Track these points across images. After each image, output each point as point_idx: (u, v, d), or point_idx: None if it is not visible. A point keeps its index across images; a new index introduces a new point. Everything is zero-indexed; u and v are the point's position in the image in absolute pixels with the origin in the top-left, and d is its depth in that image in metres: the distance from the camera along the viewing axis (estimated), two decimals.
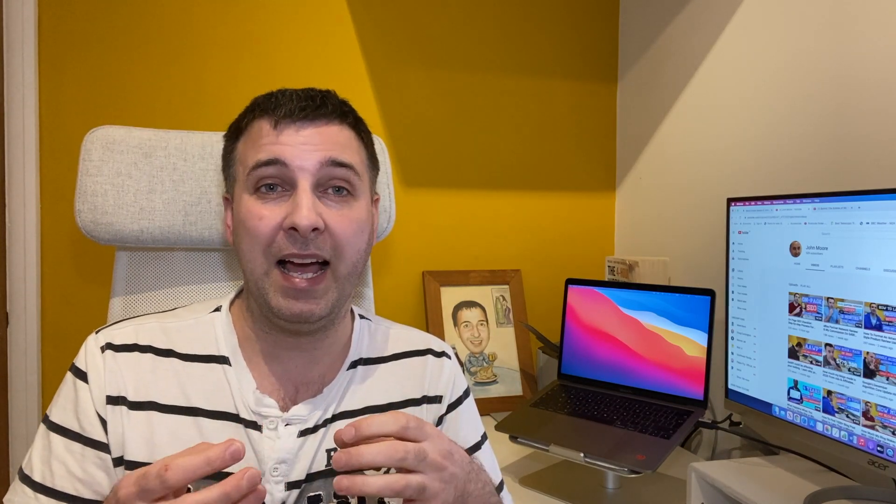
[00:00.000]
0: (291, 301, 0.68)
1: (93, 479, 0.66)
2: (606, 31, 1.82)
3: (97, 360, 0.70)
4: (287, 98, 0.70)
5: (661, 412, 1.17)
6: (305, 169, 0.68)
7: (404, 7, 1.65)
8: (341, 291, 0.71)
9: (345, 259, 0.70)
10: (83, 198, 0.89)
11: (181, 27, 1.49)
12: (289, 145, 0.68)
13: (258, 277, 0.69)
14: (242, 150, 0.72)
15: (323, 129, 0.70)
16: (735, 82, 1.38)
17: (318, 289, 0.68)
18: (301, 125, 0.69)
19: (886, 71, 1.05)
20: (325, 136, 0.70)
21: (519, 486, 1.17)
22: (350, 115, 0.74)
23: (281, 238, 0.67)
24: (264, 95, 0.73)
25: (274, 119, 0.70)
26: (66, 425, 0.68)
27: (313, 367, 0.76)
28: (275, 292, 0.68)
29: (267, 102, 0.71)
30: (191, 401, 0.70)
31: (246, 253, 0.69)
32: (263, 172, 0.68)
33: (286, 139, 0.69)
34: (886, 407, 0.87)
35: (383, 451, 0.56)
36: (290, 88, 0.73)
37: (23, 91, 1.38)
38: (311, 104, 0.70)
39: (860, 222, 0.91)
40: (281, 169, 0.68)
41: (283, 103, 0.70)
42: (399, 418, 0.59)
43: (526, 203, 1.77)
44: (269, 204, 0.68)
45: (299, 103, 0.70)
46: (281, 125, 0.69)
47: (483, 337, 1.67)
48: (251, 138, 0.71)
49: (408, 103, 1.66)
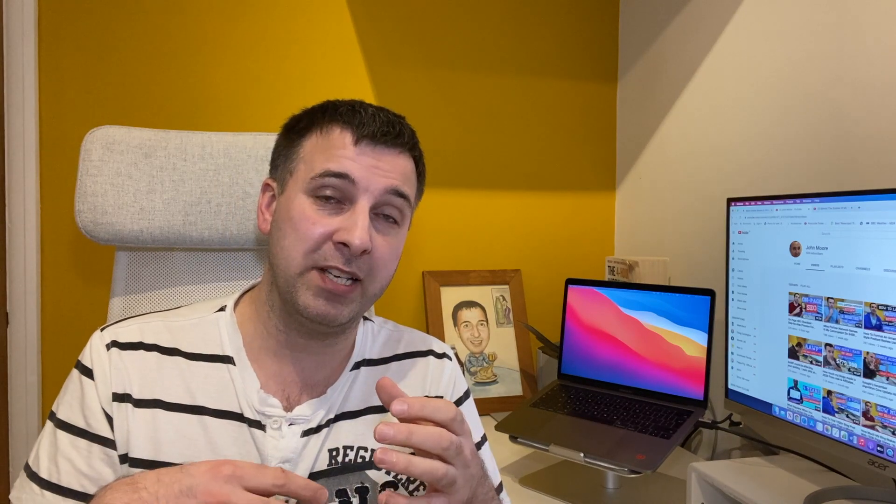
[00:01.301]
0: (321, 301, 0.68)
1: (99, 476, 0.67)
2: (606, 31, 1.82)
3: (103, 358, 0.70)
4: (370, 117, 0.72)
5: (661, 412, 1.17)
6: (370, 191, 0.69)
7: (404, 7, 1.65)
8: (363, 306, 0.73)
9: (376, 281, 0.72)
10: (83, 198, 0.89)
11: (181, 27, 1.49)
12: (363, 165, 0.70)
13: (291, 276, 0.69)
14: (311, 150, 0.72)
15: (396, 158, 0.72)
16: (735, 82, 1.38)
17: (349, 297, 0.70)
18: (381, 150, 0.71)
19: (886, 71, 1.05)
20: (395, 165, 0.72)
21: (519, 486, 1.17)
22: (417, 148, 0.76)
23: (328, 248, 0.68)
24: (346, 104, 0.74)
25: (356, 135, 0.71)
26: (73, 422, 0.68)
27: (319, 369, 0.77)
28: (306, 291, 0.69)
29: (350, 114, 0.72)
30: (196, 399, 0.71)
31: (286, 249, 0.70)
32: (330, 182, 0.69)
33: (363, 159, 0.70)
34: (886, 407, 0.87)
35: (433, 436, 0.57)
36: (369, 104, 0.74)
37: (23, 91, 1.38)
38: (392, 131, 0.72)
39: (860, 222, 0.91)
40: (347, 184, 0.69)
41: (367, 122, 0.71)
42: (451, 407, 0.59)
43: (526, 203, 1.77)
44: (325, 212, 0.69)
45: (382, 127, 0.71)
46: (361, 143, 0.70)
47: (483, 337, 1.67)
48: (325, 143, 0.72)
49: (408, 103, 1.66)
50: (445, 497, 0.58)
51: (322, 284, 0.68)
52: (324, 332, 0.73)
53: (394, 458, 0.54)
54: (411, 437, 0.56)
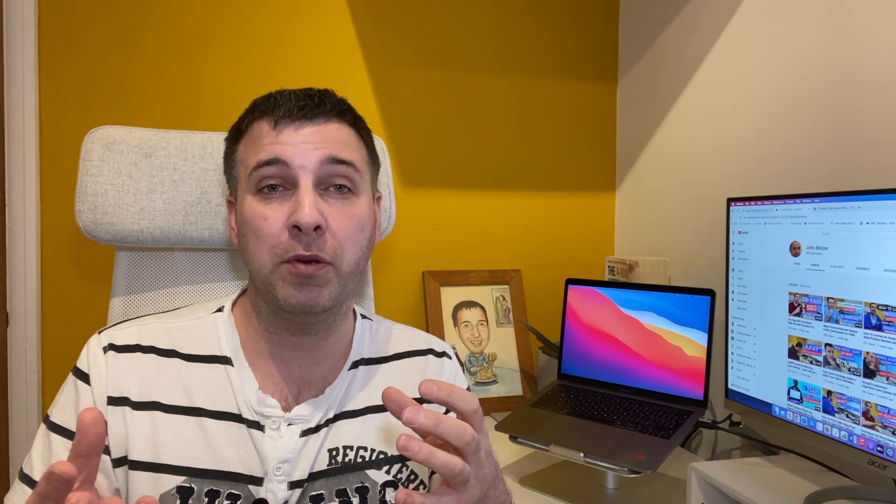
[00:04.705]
0: (297, 289, 0.67)
1: None
2: (606, 31, 1.82)
3: (99, 361, 0.70)
4: (285, 98, 0.71)
5: (661, 412, 1.17)
6: (306, 167, 0.68)
7: (404, 7, 1.65)
8: (343, 286, 0.71)
9: (345, 257, 0.70)
10: (83, 198, 0.89)
11: (181, 27, 1.49)
12: (289, 144, 0.68)
13: (266, 275, 0.69)
14: (243, 151, 0.73)
15: (322, 127, 0.71)
16: (735, 82, 1.38)
17: (320, 276, 0.68)
18: (300, 124, 0.70)
19: (886, 71, 1.05)
20: (325, 135, 0.70)
21: (519, 486, 1.17)
22: (349, 112, 0.74)
23: (285, 238, 0.67)
24: (263, 97, 0.73)
25: (273, 119, 0.70)
26: (66, 426, 0.68)
27: (315, 367, 0.76)
28: (282, 284, 0.68)
29: (266, 103, 0.72)
30: (194, 401, 0.70)
31: (252, 253, 0.69)
32: (265, 172, 0.68)
33: (286, 138, 0.69)
34: (886, 407, 0.87)
35: (458, 428, 0.55)
36: (288, 89, 0.73)
37: (23, 91, 1.38)
38: (310, 103, 0.70)
39: (860, 222, 0.91)
40: (282, 168, 0.68)
41: (282, 103, 0.70)
42: (475, 399, 0.58)
43: (526, 203, 1.77)
44: (273, 204, 0.68)
45: (297, 103, 0.70)
46: (280, 125, 0.69)
47: (483, 337, 1.67)
48: (251, 139, 0.72)
49: (408, 103, 1.66)
50: (456, 495, 0.57)
51: (292, 270, 0.67)
52: (312, 324, 0.73)
53: (416, 447, 0.53)
54: (438, 426, 0.54)
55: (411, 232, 1.68)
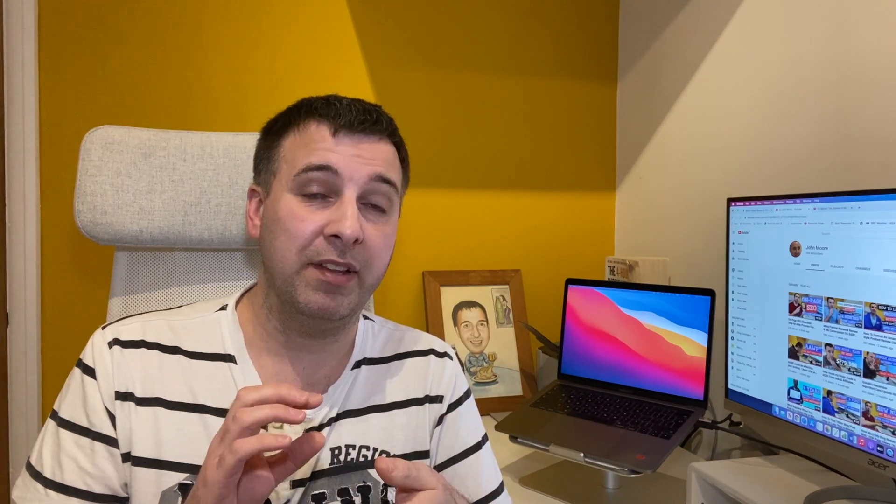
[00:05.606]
0: (321, 295, 0.68)
1: (103, 474, 0.67)
2: (606, 31, 1.82)
3: (105, 356, 0.70)
4: (345, 107, 0.71)
5: (661, 412, 1.17)
6: (354, 180, 0.69)
7: (404, 7, 1.65)
8: (361, 298, 0.73)
9: (372, 271, 0.72)
10: (83, 198, 0.89)
11: (181, 27, 1.49)
12: (344, 155, 0.69)
13: (289, 275, 0.69)
14: (291, 148, 0.72)
15: (376, 144, 0.72)
16: (735, 82, 1.38)
17: (347, 287, 0.70)
18: (360, 138, 0.71)
19: (886, 71, 1.05)
20: (377, 152, 0.72)
21: (519, 486, 1.17)
22: (396, 134, 0.76)
23: (320, 243, 0.68)
24: (320, 99, 0.74)
25: (333, 126, 0.71)
26: (76, 420, 0.68)
27: (319, 368, 0.76)
28: (305, 287, 0.68)
29: (325, 108, 0.72)
30: (197, 398, 0.71)
31: (279, 250, 0.69)
32: (313, 176, 0.69)
33: (343, 149, 0.70)
34: (886, 407, 0.87)
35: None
36: (343, 97, 0.74)
37: (23, 91, 1.38)
38: (369, 118, 0.72)
39: (860, 222, 0.91)
40: (331, 176, 0.69)
41: (343, 112, 0.71)
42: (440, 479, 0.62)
43: (526, 203, 1.77)
44: (312, 208, 0.69)
45: (358, 116, 0.71)
46: (340, 134, 0.70)
47: (483, 337, 1.67)
48: (303, 139, 0.72)
49: (407, 103, 1.66)
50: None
51: (321, 277, 0.68)
52: (323, 329, 0.73)
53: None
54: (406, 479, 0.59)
55: (411, 232, 1.68)
